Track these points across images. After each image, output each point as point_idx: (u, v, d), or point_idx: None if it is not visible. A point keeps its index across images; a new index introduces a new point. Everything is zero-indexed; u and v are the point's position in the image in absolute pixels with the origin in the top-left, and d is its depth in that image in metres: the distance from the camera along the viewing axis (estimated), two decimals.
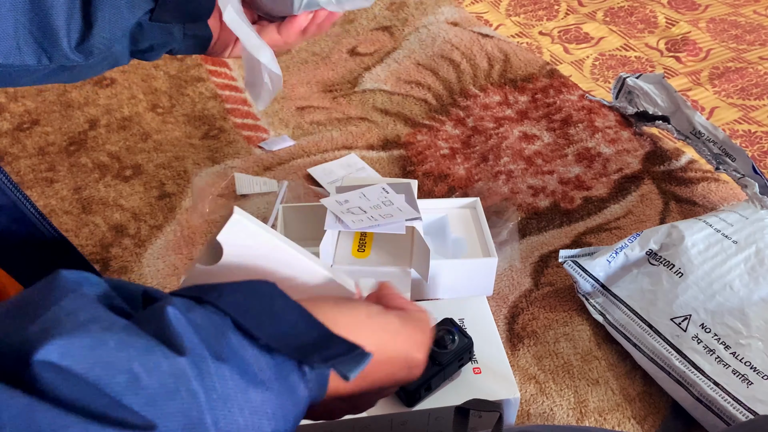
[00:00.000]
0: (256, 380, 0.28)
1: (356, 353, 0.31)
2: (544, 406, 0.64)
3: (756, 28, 1.23)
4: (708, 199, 0.87)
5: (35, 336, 0.24)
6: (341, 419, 0.55)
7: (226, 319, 0.29)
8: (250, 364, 0.28)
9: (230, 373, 0.27)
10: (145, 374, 0.25)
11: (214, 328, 0.28)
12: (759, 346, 0.61)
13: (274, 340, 0.29)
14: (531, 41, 1.22)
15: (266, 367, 0.29)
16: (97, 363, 0.24)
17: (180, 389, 0.25)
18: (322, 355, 0.30)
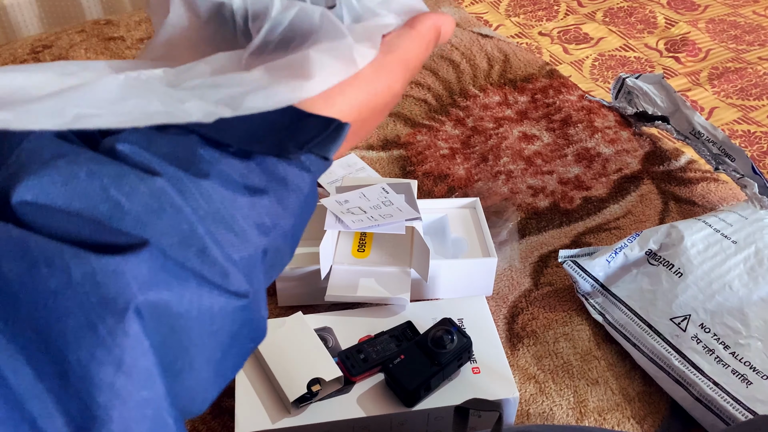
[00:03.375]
0: (240, 186, 0.27)
1: (332, 128, 0.29)
2: (543, 405, 0.64)
3: (755, 29, 1.23)
4: (707, 199, 0.87)
5: (5, 182, 0.23)
6: (341, 419, 0.55)
7: (191, 137, 0.27)
8: (228, 173, 0.27)
9: (212, 187, 0.26)
10: (124, 198, 0.24)
11: (182, 148, 0.27)
12: (758, 346, 0.61)
13: (245, 141, 0.28)
14: (531, 41, 1.22)
15: (246, 170, 0.28)
16: (74, 196, 0.24)
17: (164, 206, 0.25)
18: (297, 142, 0.28)
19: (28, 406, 0.21)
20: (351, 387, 0.58)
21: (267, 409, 0.56)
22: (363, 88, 0.31)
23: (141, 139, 0.26)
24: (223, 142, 0.27)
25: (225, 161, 0.27)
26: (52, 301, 0.22)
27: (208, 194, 0.26)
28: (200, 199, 0.26)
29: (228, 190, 0.27)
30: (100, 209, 0.24)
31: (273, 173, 0.28)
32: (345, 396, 0.57)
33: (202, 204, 0.26)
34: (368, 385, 0.58)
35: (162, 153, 0.26)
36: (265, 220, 0.28)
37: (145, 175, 0.25)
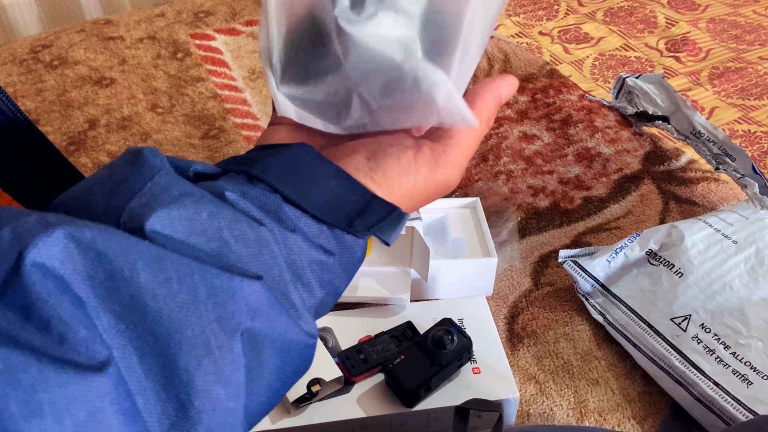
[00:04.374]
0: (315, 245, 0.31)
1: (394, 215, 0.33)
2: (543, 406, 0.64)
3: (756, 28, 1.23)
4: (708, 199, 0.87)
5: (140, 209, 0.27)
6: (341, 419, 0.55)
7: (276, 195, 0.31)
8: (306, 232, 0.31)
9: (295, 242, 0.30)
10: (233, 240, 0.28)
11: (271, 203, 0.30)
12: (759, 346, 0.61)
13: (320, 211, 0.31)
14: (531, 41, 1.22)
15: (319, 232, 0.31)
16: (194, 232, 0.27)
17: (263, 253, 0.28)
18: (364, 223, 0.32)
19: (136, 399, 0.24)
20: (351, 387, 0.58)
21: None
22: (420, 181, 0.34)
23: (237, 188, 0.30)
24: (301, 206, 0.31)
25: (304, 221, 0.31)
26: (176, 312, 0.25)
27: (291, 246, 0.30)
28: (286, 249, 0.30)
29: (307, 245, 0.30)
30: (212, 246, 0.27)
31: (341, 239, 0.32)
32: (345, 396, 0.57)
33: (288, 254, 0.30)
34: (368, 385, 0.58)
35: (258, 203, 0.30)
36: (327, 277, 0.32)
37: (253, 223, 0.29)
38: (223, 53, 1.19)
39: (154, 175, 0.28)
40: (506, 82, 0.37)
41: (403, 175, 0.34)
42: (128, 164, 0.29)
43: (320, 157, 0.33)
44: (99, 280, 0.24)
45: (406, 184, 0.34)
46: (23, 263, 0.22)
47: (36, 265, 0.23)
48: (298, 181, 0.32)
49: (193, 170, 0.31)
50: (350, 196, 0.32)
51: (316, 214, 0.31)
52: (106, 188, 0.28)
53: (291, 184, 0.31)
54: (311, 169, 0.33)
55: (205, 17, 1.29)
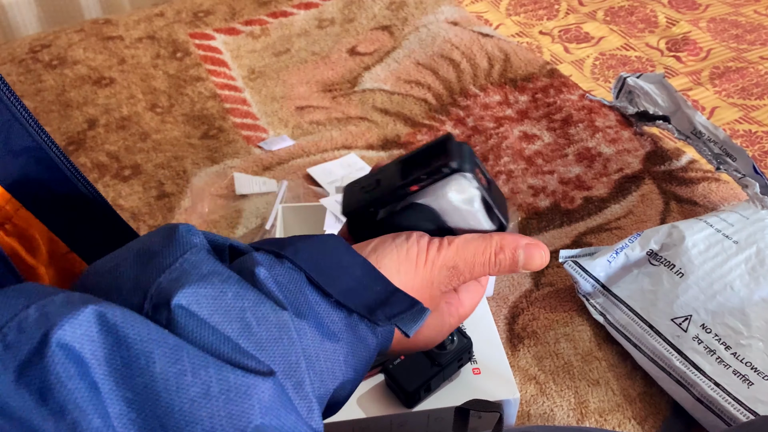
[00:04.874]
0: (329, 332, 0.31)
1: (416, 309, 0.33)
2: (544, 406, 0.64)
3: (756, 28, 1.23)
4: (708, 199, 0.87)
5: (169, 284, 0.27)
6: (341, 420, 0.55)
7: (301, 275, 0.31)
8: (323, 318, 0.31)
9: (309, 328, 0.30)
10: (255, 323, 0.28)
11: (294, 284, 0.31)
12: (759, 347, 0.61)
13: (343, 296, 0.32)
14: (531, 41, 1.22)
15: (337, 320, 0.32)
16: (217, 310, 0.27)
17: (283, 338, 0.28)
18: (386, 313, 0.33)
19: None
20: None
21: None
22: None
23: (266, 262, 0.31)
24: (326, 290, 0.32)
25: (323, 306, 0.31)
26: (188, 406, 0.25)
27: (306, 333, 0.30)
28: (304, 336, 0.30)
29: (318, 332, 0.31)
30: (233, 327, 0.27)
31: (355, 329, 0.32)
32: None
33: (305, 341, 0.30)
34: (368, 386, 0.58)
35: (280, 282, 0.30)
36: (340, 367, 0.32)
37: (276, 307, 0.29)
38: (222, 53, 1.19)
39: (186, 251, 0.29)
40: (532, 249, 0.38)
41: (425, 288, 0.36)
42: (162, 239, 0.30)
43: (349, 247, 0.34)
44: (116, 365, 0.24)
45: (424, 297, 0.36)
46: (49, 343, 0.23)
47: (61, 345, 0.23)
48: (325, 266, 0.33)
49: (230, 245, 0.32)
50: (374, 287, 0.33)
51: (339, 298, 0.32)
52: (139, 262, 0.29)
53: (317, 267, 0.32)
54: (339, 257, 0.34)
55: (204, 17, 1.29)
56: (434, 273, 0.36)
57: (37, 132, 0.41)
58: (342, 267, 0.33)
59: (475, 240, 0.37)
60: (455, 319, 0.39)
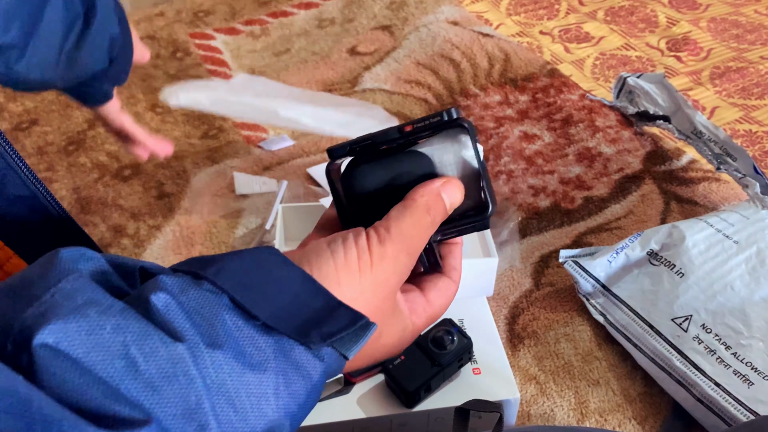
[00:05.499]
0: (253, 362, 0.27)
1: (359, 326, 0.30)
2: (544, 406, 0.64)
3: (757, 28, 1.23)
4: (709, 199, 0.86)
5: (33, 320, 0.23)
6: (341, 420, 0.55)
7: (222, 297, 0.28)
8: (245, 346, 0.27)
9: (224, 359, 0.26)
10: (142, 359, 0.24)
11: (209, 308, 0.27)
12: (760, 347, 0.61)
13: (274, 318, 0.28)
14: (531, 40, 1.22)
15: (265, 346, 0.28)
16: (94, 348, 0.23)
17: (178, 374, 0.24)
18: (321, 334, 0.29)
19: None
20: (351, 388, 0.58)
21: None
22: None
23: (175, 286, 0.27)
24: (252, 312, 0.28)
25: (246, 332, 0.27)
26: None
27: (220, 365, 0.26)
28: (212, 369, 0.25)
29: (239, 363, 0.26)
30: (116, 365, 0.24)
31: (288, 356, 0.28)
32: (345, 397, 0.57)
33: (212, 375, 0.25)
34: (368, 386, 0.58)
35: (190, 308, 0.27)
36: (268, 402, 0.27)
37: (168, 339, 0.25)
38: (222, 52, 1.19)
39: (60, 279, 0.25)
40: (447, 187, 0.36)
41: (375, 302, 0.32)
42: (41, 266, 0.26)
43: (285, 260, 0.30)
44: None
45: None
46: None
47: None
48: (254, 284, 0.29)
49: (140, 268, 0.28)
50: (313, 303, 0.29)
51: (268, 321, 0.28)
52: (11, 294, 0.25)
53: (244, 287, 0.28)
54: (272, 272, 0.30)
55: (204, 17, 1.29)
56: (385, 270, 0.33)
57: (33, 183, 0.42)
58: (275, 283, 0.29)
59: (406, 211, 0.34)
60: (422, 320, 0.37)
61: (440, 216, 0.35)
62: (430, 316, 0.37)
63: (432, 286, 0.38)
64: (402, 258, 0.33)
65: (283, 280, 0.30)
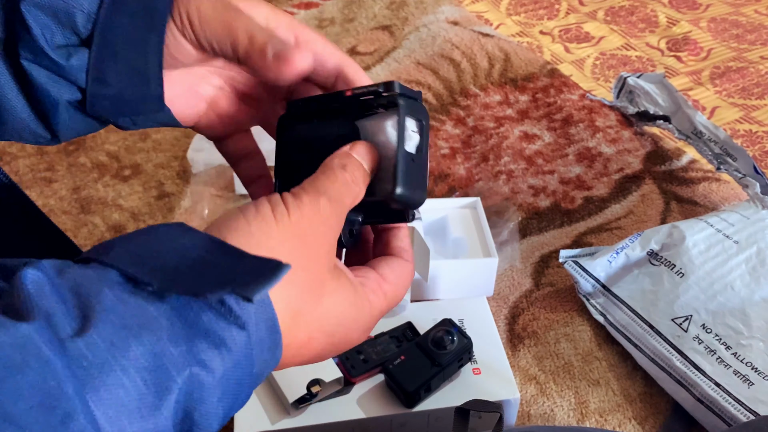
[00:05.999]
0: (140, 333, 0.23)
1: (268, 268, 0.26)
2: (544, 406, 0.64)
3: (757, 28, 1.23)
4: (709, 199, 0.86)
5: None
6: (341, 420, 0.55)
7: (108, 272, 0.25)
8: (128, 318, 0.23)
9: (100, 336, 0.23)
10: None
11: (89, 286, 0.24)
12: (760, 347, 0.61)
13: (168, 283, 0.25)
14: (531, 40, 1.22)
15: (157, 314, 0.24)
16: None
17: (29, 360, 0.21)
18: (219, 281, 0.25)
19: None
20: (351, 388, 0.58)
21: (266, 410, 0.56)
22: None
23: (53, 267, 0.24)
24: (142, 280, 0.25)
25: (132, 303, 0.24)
26: None
27: (94, 342, 0.22)
28: (84, 348, 0.22)
29: (121, 337, 0.23)
30: None
31: (191, 321, 0.25)
32: (345, 397, 0.57)
33: (86, 354, 0.22)
34: (368, 386, 0.58)
35: (65, 288, 0.24)
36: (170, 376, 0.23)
37: (9, 323, 0.22)
38: None
39: None
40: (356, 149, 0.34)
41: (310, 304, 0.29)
42: None
43: (189, 229, 0.28)
44: None
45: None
46: None
47: None
48: (151, 255, 0.26)
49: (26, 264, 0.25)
50: (221, 263, 0.26)
51: (161, 285, 0.25)
52: None
53: (138, 260, 0.25)
54: (173, 241, 0.27)
55: None
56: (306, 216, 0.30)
57: None
58: (176, 252, 0.26)
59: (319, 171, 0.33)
60: (380, 297, 0.33)
61: (359, 172, 0.33)
62: (388, 293, 0.34)
63: (383, 264, 0.35)
64: (323, 204, 0.30)
65: (185, 247, 0.27)
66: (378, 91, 0.35)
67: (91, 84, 0.35)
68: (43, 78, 0.34)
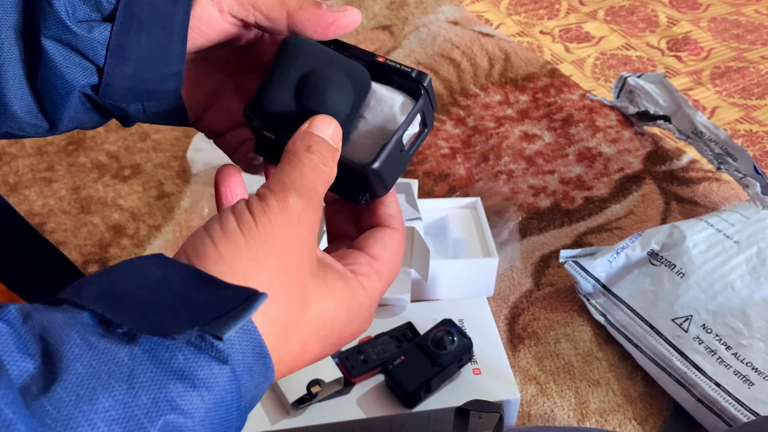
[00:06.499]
0: (111, 382, 0.22)
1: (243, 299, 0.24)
2: (544, 407, 0.64)
3: (757, 28, 1.23)
4: (709, 199, 0.86)
5: None
6: (341, 420, 0.55)
7: (79, 316, 0.24)
8: (98, 365, 0.22)
9: (66, 390, 0.21)
10: None
11: (57, 331, 0.23)
12: (760, 347, 0.61)
13: (140, 323, 0.23)
14: (532, 40, 1.21)
15: (127, 359, 0.23)
16: None
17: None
18: (190, 319, 0.23)
19: None
20: (351, 388, 0.58)
21: (266, 410, 0.55)
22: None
23: (20, 313, 0.23)
24: (112, 321, 0.23)
25: (102, 348, 0.23)
26: None
27: (60, 397, 0.21)
28: (48, 405, 0.21)
29: (88, 388, 0.22)
30: None
31: (164, 364, 0.23)
32: (345, 397, 0.57)
33: (50, 412, 0.21)
34: (368, 386, 0.58)
35: (31, 336, 0.22)
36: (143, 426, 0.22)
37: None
38: None
39: None
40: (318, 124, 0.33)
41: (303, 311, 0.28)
42: None
43: (165, 260, 0.26)
44: None
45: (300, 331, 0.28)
46: None
47: None
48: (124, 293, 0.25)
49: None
50: (196, 295, 0.25)
51: (131, 326, 0.23)
52: None
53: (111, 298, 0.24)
54: (147, 276, 0.26)
55: None
56: (276, 223, 0.28)
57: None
58: (152, 287, 0.25)
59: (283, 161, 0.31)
60: (373, 280, 0.32)
61: (326, 150, 0.32)
62: (382, 273, 0.32)
63: (371, 241, 0.33)
64: (293, 201, 0.28)
65: (162, 281, 0.25)
66: (409, 73, 0.34)
67: (109, 60, 0.34)
68: (61, 59, 0.33)
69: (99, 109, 0.36)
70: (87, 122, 0.38)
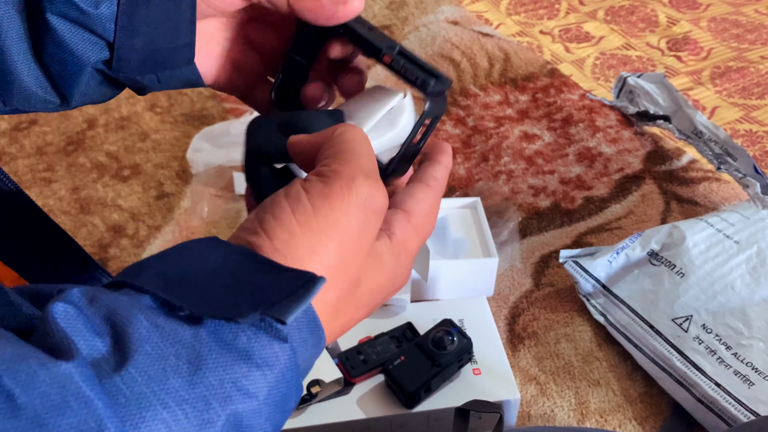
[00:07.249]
0: (179, 364, 0.23)
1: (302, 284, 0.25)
2: (544, 407, 0.64)
3: (757, 27, 1.23)
4: (709, 199, 0.86)
5: None
6: (341, 420, 0.55)
7: (141, 298, 0.24)
8: (164, 347, 0.23)
9: (138, 369, 0.22)
10: (19, 390, 0.20)
11: (123, 313, 0.23)
12: (761, 347, 0.61)
13: (202, 306, 0.24)
14: (531, 40, 1.21)
15: (193, 340, 0.23)
16: None
17: (69, 400, 0.20)
18: (253, 302, 0.24)
19: None
20: (351, 388, 0.58)
21: None
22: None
23: (84, 296, 0.23)
24: (175, 304, 0.24)
25: (167, 330, 0.23)
26: None
27: (132, 377, 0.22)
28: (122, 384, 0.22)
29: (158, 368, 0.22)
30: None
31: (229, 345, 0.24)
32: (345, 397, 0.57)
33: (124, 390, 0.21)
34: (368, 386, 0.58)
35: (98, 317, 0.23)
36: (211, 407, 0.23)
37: (48, 360, 0.21)
38: None
39: None
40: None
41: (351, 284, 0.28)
42: None
43: (220, 243, 0.27)
44: None
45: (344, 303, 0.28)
46: None
47: None
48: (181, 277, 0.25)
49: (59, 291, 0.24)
50: (254, 278, 0.25)
51: (193, 309, 0.24)
52: None
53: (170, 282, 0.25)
54: (204, 260, 0.26)
55: None
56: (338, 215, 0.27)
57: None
58: (210, 270, 0.26)
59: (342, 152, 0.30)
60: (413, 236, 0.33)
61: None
62: (419, 227, 0.33)
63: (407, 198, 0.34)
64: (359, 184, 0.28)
65: (217, 265, 0.26)
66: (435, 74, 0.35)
67: (119, 34, 0.33)
68: (69, 34, 0.33)
69: (111, 81, 0.37)
70: (98, 96, 0.38)
